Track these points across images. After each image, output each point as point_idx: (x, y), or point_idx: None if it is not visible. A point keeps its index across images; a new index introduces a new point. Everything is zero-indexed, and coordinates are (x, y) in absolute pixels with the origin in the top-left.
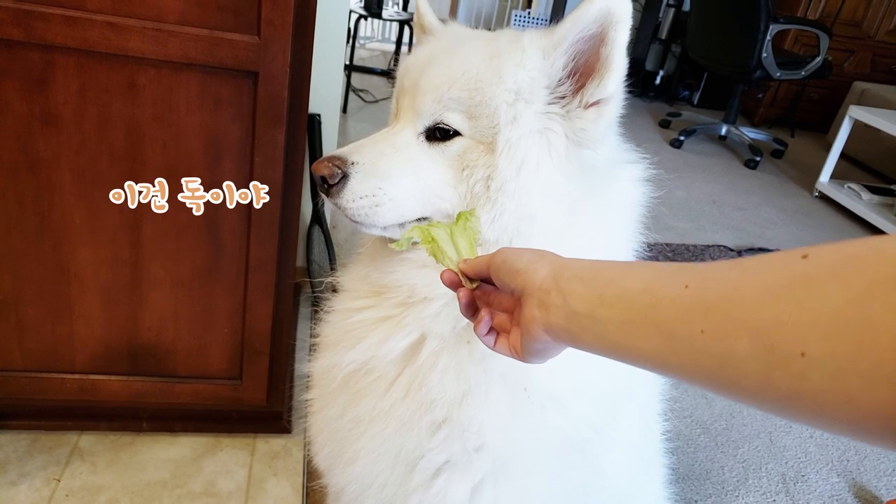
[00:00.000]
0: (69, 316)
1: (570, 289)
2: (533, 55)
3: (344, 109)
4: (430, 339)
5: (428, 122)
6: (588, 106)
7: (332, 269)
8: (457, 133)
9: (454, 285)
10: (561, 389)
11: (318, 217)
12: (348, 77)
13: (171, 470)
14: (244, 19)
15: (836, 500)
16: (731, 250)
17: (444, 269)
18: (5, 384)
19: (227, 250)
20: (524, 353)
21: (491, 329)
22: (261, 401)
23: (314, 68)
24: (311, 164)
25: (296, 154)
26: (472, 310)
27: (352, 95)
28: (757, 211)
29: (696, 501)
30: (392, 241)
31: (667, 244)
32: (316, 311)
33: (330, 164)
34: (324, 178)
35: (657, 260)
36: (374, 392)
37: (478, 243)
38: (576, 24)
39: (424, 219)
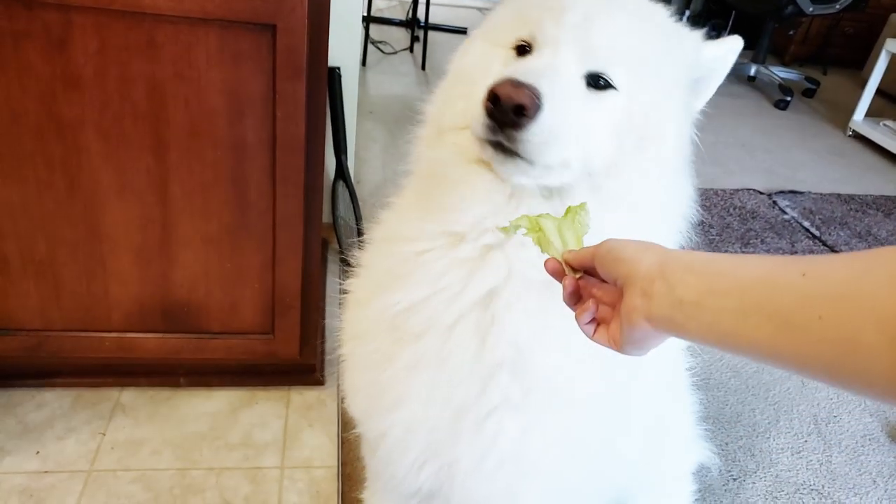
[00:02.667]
0: (103, 275)
1: (677, 278)
2: (702, 51)
3: (363, 62)
4: (516, 283)
5: (595, 67)
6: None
7: (357, 225)
8: (612, 87)
9: (557, 274)
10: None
11: (341, 172)
12: (366, 29)
13: (209, 423)
14: None
15: (869, 439)
16: (762, 193)
17: (549, 257)
18: (47, 343)
19: (254, 207)
20: (623, 343)
21: (592, 319)
22: (294, 354)
23: (332, 20)
24: (333, 122)
25: (317, 108)
26: (575, 298)
27: (370, 48)
28: (788, 153)
29: (727, 443)
30: (500, 227)
31: (695, 189)
32: (345, 267)
33: (529, 92)
34: (519, 108)
35: None
36: (431, 335)
37: (586, 234)
38: (717, 55)
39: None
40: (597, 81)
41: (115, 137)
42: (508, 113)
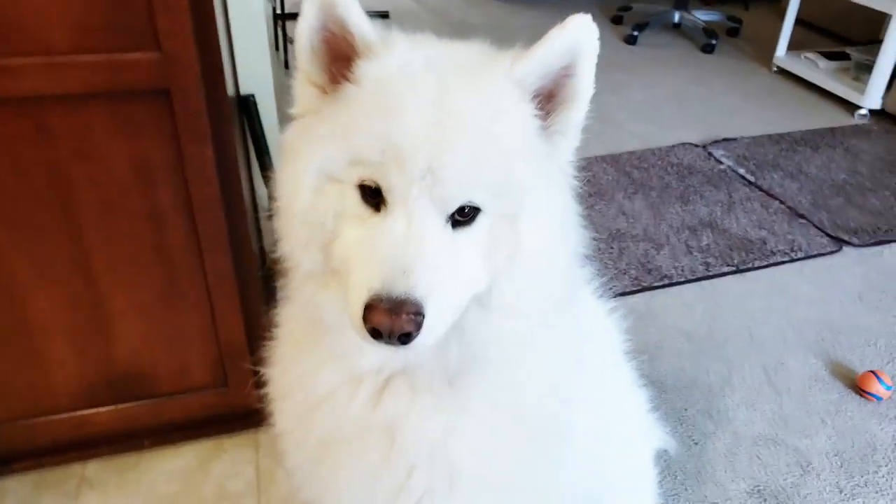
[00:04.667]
0: (40, 362)
1: None
2: (521, 97)
3: (286, 65)
4: (419, 395)
5: (453, 207)
6: (554, 132)
7: None
8: (478, 210)
9: None
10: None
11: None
12: (283, 28)
13: (180, 481)
14: (141, 36)
15: (815, 379)
16: (697, 146)
17: None
18: None
19: (183, 271)
20: None
21: None
22: (251, 400)
23: (237, 49)
24: (256, 149)
25: (228, 161)
26: None
27: (290, 47)
28: (719, 99)
29: (685, 409)
30: None
31: (631, 152)
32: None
33: (409, 316)
34: (406, 335)
35: (624, 171)
36: (342, 444)
37: None
38: (547, 54)
39: None
40: (462, 214)
41: (23, 227)
42: (394, 340)
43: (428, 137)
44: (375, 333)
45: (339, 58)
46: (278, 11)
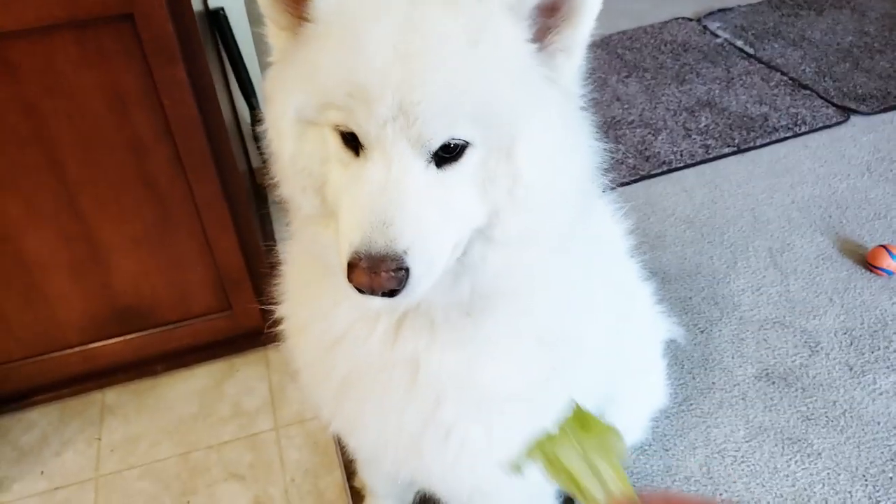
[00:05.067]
0: (44, 300)
1: None
2: (510, 13)
3: None
4: (439, 328)
5: (435, 146)
6: (556, 51)
7: None
8: (466, 144)
9: None
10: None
11: (256, 117)
12: None
13: (197, 402)
14: None
15: (822, 258)
16: (691, 20)
17: None
18: (14, 373)
19: (171, 198)
20: None
21: None
22: (257, 321)
23: None
24: (232, 65)
25: (203, 81)
26: None
27: None
28: None
29: (690, 297)
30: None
31: (622, 32)
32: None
33: (389, 273)
34: (391, 291)
35: (616, 53)
36: (366, 378)
37: (622, 458)
38: None
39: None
40: (448, 150)
41: (4, 167)
42: (379, 294)
43: (394, 72)
44: (360, 289)
45: None
46: None
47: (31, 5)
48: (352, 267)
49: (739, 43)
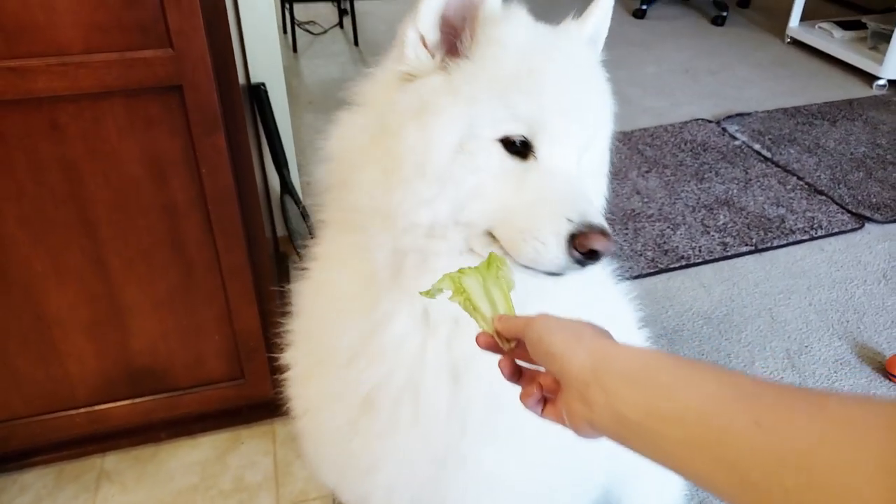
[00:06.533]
0: (58, 358)
1: (613, 388)
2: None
3: (294, 48)
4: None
5: (589, 146)
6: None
7: (312, 236)
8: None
9: (492, 348)
10: None
11: (286, 187)
12: (291, 11)
13: (198, 473)
14: (153, 34)
15: (840, 363)
16: (710, 122)
17: (480, 332)
18: (17, 432)
19: (198, 264)
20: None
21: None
22: (267, 393)
23: (247, 39)
24: (267, 137)
25: (241, 151)
26: (517, 376)
27: (298, 31)
28: (731, 71)
29: None
30: (421, 292)
31: (643, 129)
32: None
33: (612, 242)
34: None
35: (637, 149)
36: (403, 402)
37: (511, 290)
38: (600, 15)
39: None
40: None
41: (38, 223)
42: (590, 258)
43: (586, 92)
44: (590, 255)
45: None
46: None
47: (89, 73)
48: (584, 236)
49: (757, 146)
